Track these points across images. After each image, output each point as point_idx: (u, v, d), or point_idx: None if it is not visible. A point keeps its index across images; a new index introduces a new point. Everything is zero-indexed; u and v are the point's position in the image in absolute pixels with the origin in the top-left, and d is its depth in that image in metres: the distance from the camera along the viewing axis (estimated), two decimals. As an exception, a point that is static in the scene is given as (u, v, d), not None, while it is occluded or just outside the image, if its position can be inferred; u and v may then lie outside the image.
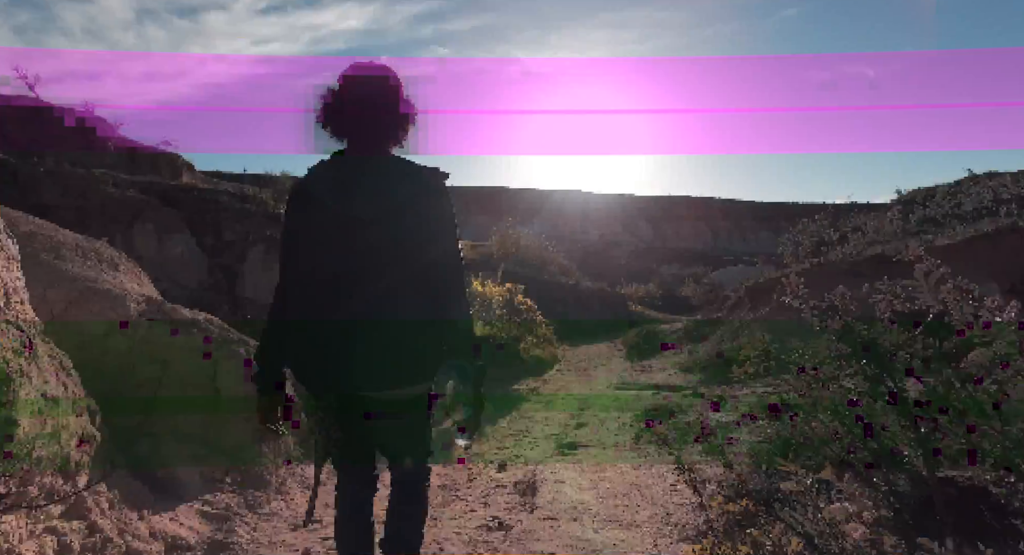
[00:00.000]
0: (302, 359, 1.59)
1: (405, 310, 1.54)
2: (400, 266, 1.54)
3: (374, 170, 1.57)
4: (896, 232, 11.19)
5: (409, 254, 1.55)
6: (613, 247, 45.18)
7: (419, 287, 1.55)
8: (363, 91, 1.58)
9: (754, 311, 7.81)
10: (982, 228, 7.14)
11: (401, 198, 1.54)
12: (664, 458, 3.54)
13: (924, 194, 13.01)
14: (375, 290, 1.53)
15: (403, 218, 1.53)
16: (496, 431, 4.89)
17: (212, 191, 11.34)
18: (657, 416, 4.43)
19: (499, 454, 4.17)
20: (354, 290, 1.53)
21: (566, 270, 18.69)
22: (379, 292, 1.53)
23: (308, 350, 1.56)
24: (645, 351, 9.00)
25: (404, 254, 1.54)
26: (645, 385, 6.44)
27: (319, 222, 1.55)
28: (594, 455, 3.79)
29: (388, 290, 1.54)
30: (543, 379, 7.41)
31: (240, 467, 2.93)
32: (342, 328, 1.51)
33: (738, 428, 3.92)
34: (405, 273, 1.55)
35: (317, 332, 1.53)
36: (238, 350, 3.18)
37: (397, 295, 1.54)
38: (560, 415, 5.36)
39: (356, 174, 1.56)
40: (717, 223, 72.31)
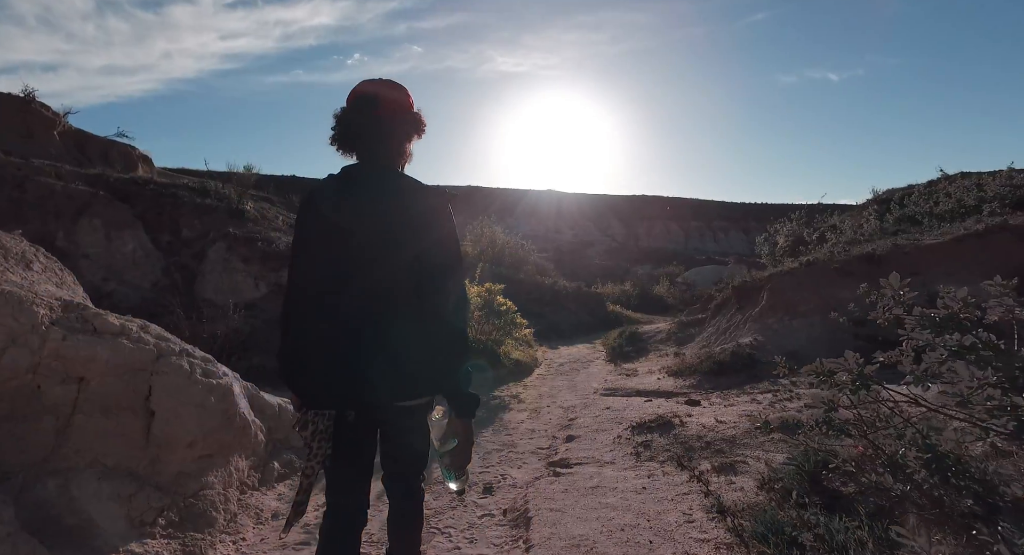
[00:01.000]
0: (304, 370, 1.59)
1: (405, 323, 1.57)
2: (399, 279, 1.57)
3: (377, 184, 1.59)
4: (874, 231, 11.16)
5: (407, 267, 1.56)
6: (587, 246, 45.34)
7: (417, 301, 1.57)
8: (370, 105, 1.60)
9: (742, 311, 7.55)
10: (971, 226, 7.02)
11: (400, 212, 1.56)
12: (671, 479, 3.17)
13: (901, 193, 13.09)
14: (375, 302, 1.56)
15: (401, 232, 1.55)
16: (479, 444, 4.47)
17: (169, 185, 10.61)
18: (655, 428, 4.07)
19: (484, 474, 3.75)
20: (354, 302, 1.55)
21: (543, 269, 18.38)
22: (379, 304, 1.56)
23: (310, 361, 1.57)
24: (628, 354, 8.68)
25: (403, 267, 1.56)
26: (633, 391, 6.09)
27: (321, 232, 1.57)
28: (591, 476, 3.40)
29: (388, 303, 1.57)
30: (524, 384, 7.02)
31: (179, 504, 2.44)
32: (344, 339, 1.54)
33: (747, 442, 3.57)
34: (404, 286, 1.57)
35: (320, 343, 1.56)
36: (180, 363, 2.69)
37: (397, 307, 1.57)
38: (546, 426, 4.96)
39: (359, 187, 1.59)
40: (688, 223, 73.46)
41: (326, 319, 1.55)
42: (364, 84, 1.65)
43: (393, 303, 1.57)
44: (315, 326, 1.56)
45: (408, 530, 1.81)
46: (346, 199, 1.57)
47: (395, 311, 1.57)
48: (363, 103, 1.61)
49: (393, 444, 1.73)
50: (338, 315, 1.55)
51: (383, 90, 1.63)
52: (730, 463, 3.24)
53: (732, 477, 3.06)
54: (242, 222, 10.40)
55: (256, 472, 3.14)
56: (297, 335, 1.60)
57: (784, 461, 2.77)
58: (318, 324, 1.56)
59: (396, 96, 1.64)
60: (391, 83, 1.66)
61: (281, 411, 3.69)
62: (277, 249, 9.61)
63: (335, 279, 1.55)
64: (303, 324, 1.58)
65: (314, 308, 1.56)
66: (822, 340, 6.09)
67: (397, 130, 1.64)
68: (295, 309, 1.59)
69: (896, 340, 5.33)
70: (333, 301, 1.56)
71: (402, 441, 1.72)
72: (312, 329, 1.57)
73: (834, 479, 2.51)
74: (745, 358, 5.94)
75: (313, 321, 1.56)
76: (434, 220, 1.60)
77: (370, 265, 1.55)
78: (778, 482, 2.65)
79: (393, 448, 1.73)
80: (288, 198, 16.11)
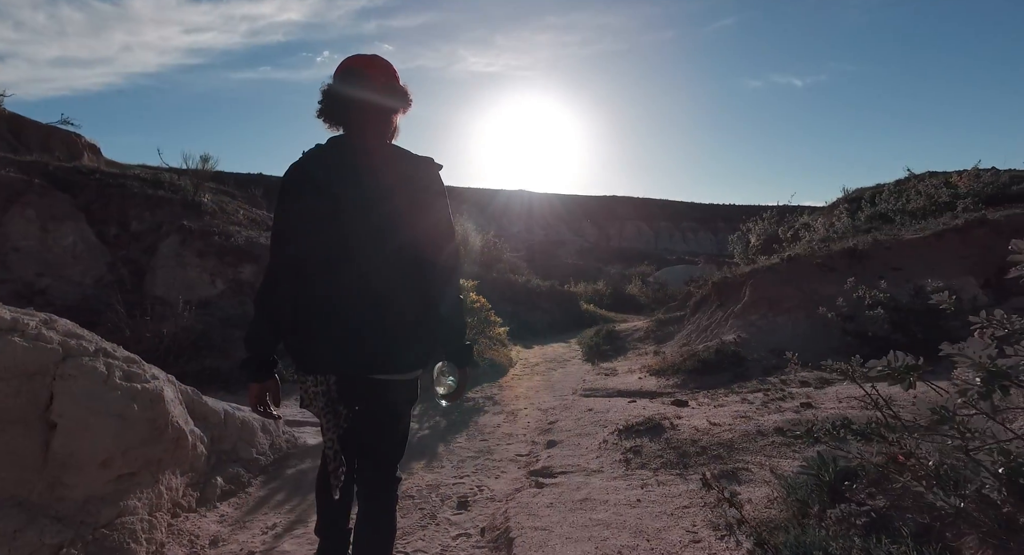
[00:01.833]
0: (300, 340, 1.58)
1: (402, 292, 1.58)
2: (395, 248, 1.57)
3: (369, 155, 1.60)
4: (847, 229, 11.17)
5: (403, 237, 1.56)
6: (559, 246, 45.31)
7: (414, 269, 1.59)
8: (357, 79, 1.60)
9: (723, 308, 7.34)
10: (950, 221, 6.95)
11: (398, 182, 1.57)
12: (668, 489, 2.85)
13: (871, 192, 13.20)
14: (370, 272, 1.55)
15: (396, 202, 1.56)
16: (451, 451, 4.09)
17: (118, 175, 9.88)
18: (644, 432, 3.75)
19: (457, 485, 3.37)
20: (350, 272, 1.55)
21: (515, 267, 18.07)
22: (374, 274, 1.56)
23: (306, 331, 1.56)
24: (606, 352, 8.40)
25: (399, 237, 1.56)
26: (614, 391, 5.79)
27: (313, 205, 1.55)
28: (577, 487, 3.06)
29: (383, 272, 1.56)
30: (499, 385, 6.65)
31: (87, 537, 2.00)
32: (341, 309, 1.54)
33: (746, 446, 3.28)
34: (400, 255, 1.57)
35: (316, 313, 1.55)
36: (94, 365, 2.24)
37: (393, 277, 1.57)
38: (525, 430, 4.61)
39: (351, 158, 1.59)
40: (658, 224, 74.08)
41: (317, 289, 1.55)
42: (353, 57, 1.66)
43: (388, 273, 1.57)
44: (318, 297, 1.55)
45: (378, 535, 1.69)
46: (338, 168, 1.57)
47: (390, 281, 1.57)
48: (353, 74, 1.62)
49: (377, 420, 1.68)
50: (330, 286, 1.55)
51: (372, 62, 1.65)
52: (731, 471, 2.94)
53: (735, 486, 2.75)
54: (199, 215, 9.75)
55: (194, 491, 2.70)
56: (285, 305, 1.56)
57: (798, 469, 2.47)
58: (308, 294, 1.55)
59: (385, 69, 1.66)
60: (380, 57, 1.68)
61: (228, 418, 3.24)
62: (236, 244, 9.03)
63: (327, 249, 1.55)
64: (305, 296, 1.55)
65: (304, 278, 1.55)
66: (807, 336, 5.90)
67: (386, 102, 1.64)
68: (292, 282, 1.55)
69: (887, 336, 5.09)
70: (325, 271, 1.55)
71: (387, 417, 1.68)
72: (302, 299, 1.55)
73: (859, 491, 2.22)
74: (730, 356, 5.70)
75: (303, 291, 1.55)
76: (428, 187, 1.61)
77: (364, 234, 1.55)
78: (793, 493, 2.35)
79: (377, 426, 1.69)
80: (251, 193, 15.40)
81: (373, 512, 1.67)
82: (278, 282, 1.56)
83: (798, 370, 5.22)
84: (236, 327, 7.24)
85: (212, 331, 6.51)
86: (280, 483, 3.33)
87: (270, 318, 1.59)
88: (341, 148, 1.61)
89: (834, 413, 3.60)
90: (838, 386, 4.47)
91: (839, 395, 4.16)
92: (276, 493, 3.18)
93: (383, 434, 1.69)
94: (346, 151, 1.60)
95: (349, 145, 1.61)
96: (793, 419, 3.57)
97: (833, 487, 2.23)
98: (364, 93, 1.60)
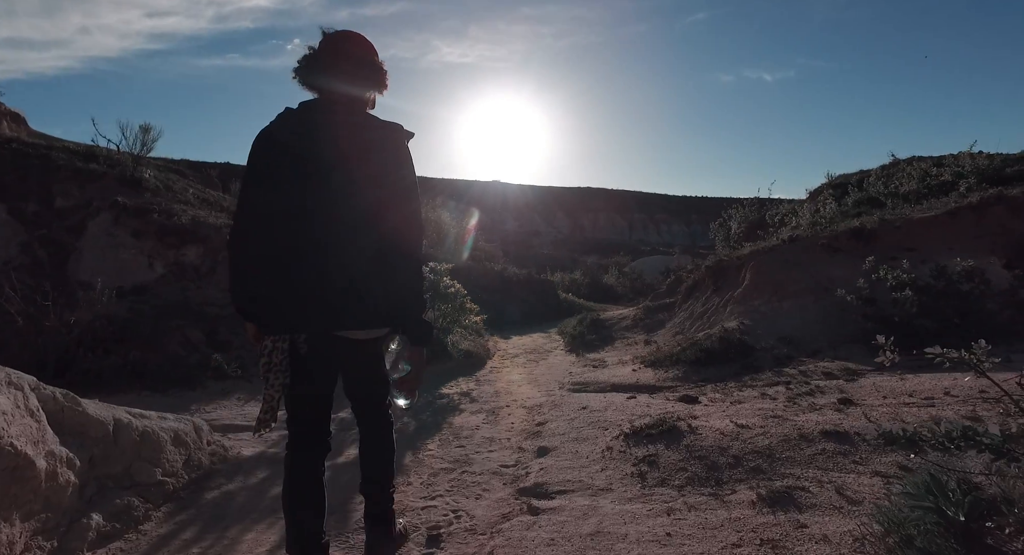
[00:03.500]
0: (266, 299, 1.63)
1: (365, 255, 1.62)
2: (360, 210, 1.60)
3: (337, 119, 1.64)
4: (834, 215, 10.77)
5: (370, 198, 1.60)
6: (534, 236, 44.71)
7: (377, 232, 1.62)
8: (341, 46, 1.68)
9: (720, 293, 6.74)
10: (962, 199, 6.47)
11: (364, 145, 1.62)
12: (703, 516, 2.16)
13: (857, 177, 12.86)
14: (338, 233, 1.60)
15: (365, 163, 1.60)
16: (421, 462, 3.35)
17: (40, 146, 8.75)
18: (657, 436, 3.07)
19: (428, 509, 2.64)
20: (318, 233, 1.59)
21: (491, 255, 17.35)
22: (339, 235, 1.60)
23: (273, 291, 1.61)
24: (592, 342, 7.74)
25: (365, 198, 1.60)
26: (607, 385, 5.12)
27: (283, 164, 1.59)
28: (584, 513, 2.35)
29: (348, 233, 1.61)
30: (476, 379, 5.92)
31: None
32: (300, 270, 1.59)
33: (790, 455, 2.62)
34: (364, 216, 1.61)
35: (283, 273, 1.60)
36: None
37: (357, 238, 1.61)
38: (509, 433, 3.89)
39: (318, 121, 1.63)
40: (632, 215, 74.43)
41: (284, 249, 1.59)
42: (338, 31, 1.71)
43: (353, 234, 1.61)
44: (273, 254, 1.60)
45: (380, 452, 1.93)
46: (304, 130, 1.60)
47: (355, 242, 1.61)
48: (337, 40, 1.68)
49: (354, 373, 1.82)
50: (296, 244, 1.59)
51: (356, 34, 1.72)
52: (782, 491, 2.27)
53: (796, 515, 2.08)
54: (137, 192, 8.72)
55: (48, 539, 1.90)
56: (253, 263, 1.61)
57: (902, 496, 1.80)
58: (276, 253, 1.59)
59: (367, 42, 1.73)
60: (360, 34, 1.74)
61: (120, 431, 2.43)
62: (179, 223, 8.03)
63: (305, 211, 1.58)
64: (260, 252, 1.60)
65: (271, 237, 1.59)
66: (819, 322, 5.32)
67: (364, 70, 1.69)
68: (261, 241, 1.60)
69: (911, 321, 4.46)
70: (285, 230, 1.59)
71: (362, 371, 1.81)
72: (270, 257, 1.60)
73: (1008, 537, 1.55)
74: (736, 344, 5.07)
75: (271, 250, 1.60)
76: (396, 152, 1.66)
77: (331, 195, 1.59)
78: (897, 530, 1.68)
79: (355, 377, 1.83)
80: (206, 174, 14.28)
81: (374, 438, 1.92)
82: (243, 241, 1.62)
83: (818, 360, 4.63)
84: (176, 316, 6.33)
85: (142, 320, 5.60)
86: (194, 513, 2.53)
87: (244, 271, 1.64)
88: (311, 112, 1.64)
89: (886, 412, 2.97)
90: (873, 378, 3.87)
91: (879, 389, 3.54)
92: (185, 528, 2.39)
93: (364, 385, 1.85)
94: (315, 115, 1.64)
95: (319, 109, 1.65)
96: (836, 420, 2.93)
97: (965, 528, 1.56)
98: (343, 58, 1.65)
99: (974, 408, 2.81)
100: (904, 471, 2.31)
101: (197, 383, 4.98)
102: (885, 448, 2.51)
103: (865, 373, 4.04)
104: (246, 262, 1.62)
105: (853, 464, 2.44)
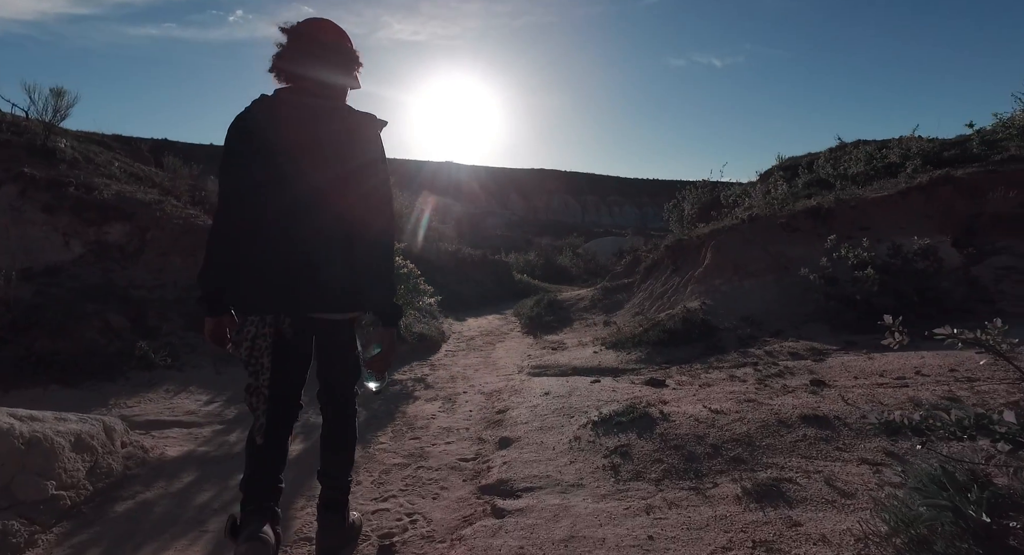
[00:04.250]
0: (244, 282, 1.68)
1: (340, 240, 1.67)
2: (336, 196, 1.65)
3: (313, 106, 1.67)
4: (785, 196, 10.94)
5: (340, 185, 1.65)
6: (488, 217, 44.35)
7: (349, 216, 1.66)
8: (313, 34, 1.69)
9: (680, 273, 6.64)
10: (912, 180, 6.56)
11: (335, 133, 1.66)
12: (686, 515, 1.97)
13: (807, 159, 13.11)
14: (314, 219, 1.65)
15: (335, 152, 1.65)
16: (372, 457, 3.05)
17: (-68, 108, 7.73)
18: (627, 424, 2.87)
19: (379, 513, 2.35)
20: (294, 218, 1.65)
21: (444, 236, 16.94)
22: (317, 221, 1.66)
23: (250, 273, 1.67)
24: (550, 324, 7.55)
25: (335, 185, 1.65)
26: (569, 368, 4.92)
27: (255, 151, 1.62)
28: (554, 514, 2.12)
29: (322, 219, 1.66)
30: (431, 363, 5.63)
31: None
32: (280, 252, 1.65)
33: (770, 443, 2.47)
34: (340, 203, 1.65)
35: (260, 256, 1.66)
36: None
37: (331, 224, 1.66)
38: (468, 422, 3.64)
39: (294, 108, 1.66)
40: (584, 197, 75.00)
41: (262, 233, 1.63)
42: (310, 19, 1.74)
43: (327, 220, 1.65)
44: (248, 238, 1.64)
45: (341, 444, 1.94)
46: (280, 117, 1.63)
47: (329, 228, 1.66)
48: (309, 28, 1.69)
49: (326, 355, 1.84)
50: (274, 230, 1.64)
51: (328, 22, 1.74)
52: (770, 483, 2.09)
53: (787, 510, 1.91)
54: (51, 164, 7.86)
55: None
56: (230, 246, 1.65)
57: (908, 489, 1.62)
58: (251, 237, 1.64)
59: (339, 29, 1.75)
60: (333, 23, 1.76)
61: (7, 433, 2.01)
62: (101, 198, 7.28)
63: (280, 197, 1.63)
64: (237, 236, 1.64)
65: (261, 224, 1.63)
66: (780, 301, 5.28)
67: (337, 57, 1.71)
68: (238, 225, 1.64)
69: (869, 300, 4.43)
70: (262, 217, 1.63)
71: (335, 355, 1.84)
72: (245, 241, 1.64)
73: (1021, 532, 1.40)
74: (699, 325, 4.96)
75: (249, 234, 1.63)
76: (367, 142, 1.69)
77: (301, 181, 1.63)
78: (908, 529, 1.51)
79: (327, 359, 1.85)
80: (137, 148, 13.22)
81: (338, 427, 1.93)
82: (224, 223, 1.66)
83: (782, 340, 4.56)
84: (96, 300, 5.70)
85: (51, 305, 4.99)
86: (97, 531, 2.15)
87: (220, 257, 1.66)
88: (283, 99, 1.67)
89: (862, 394, 2.87)
90: (840, 357, 3.80)
91: (848, 369, 3.47)
92: (83, 552, 2.01)
93: (334, 367, 1.86)
94: (288, 102, 1.66)
95: (291, 97, 1.67)
96: (813, 403, 2.80)
97: (987, 528, 1.39)
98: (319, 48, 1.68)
99: (949, 388, 2.73)
100: (890, 458, 2.18)
101: (118, 374, 4.47)
102: (868, 433, 2.38)
103: (831, 352, 3.98)
104: (222, 246, 1.66)
105: (837, 451, 2.30)
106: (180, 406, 3.99)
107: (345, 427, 1.93)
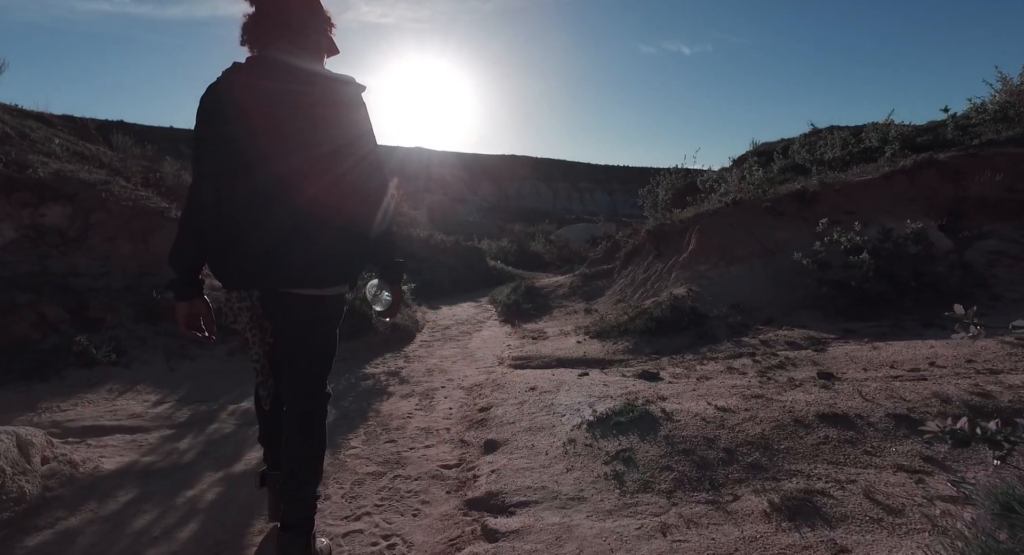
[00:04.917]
0: (222, 256, 1.60)
1: (321, 206, 1.57)
2: (322, 166, 1.57)
3: (292, 74, 1.59)
4: (761, 181, 10.88)
5: (320, 151, 1.57)
6: (460, 204, 43.75)
7: (341, 187, 1.59)
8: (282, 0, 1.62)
9: (663, 258, 6.42)
10: (896, 163, 6.46)
11: (313, 98, 1.57)
12: (708, 535, 1.70)
13: (782, 145, 13.08)
14: (297, 191, 1.56)
15: (316, 116, 1.57)
16: (342, 465, 2.71)
17: None
18: (627, 424, 2.60)
19: (352, 535, 2.02)
20: (276, 190, 1.56)
21: (415, 221, 16.45)
22: (301, 192, 1.56)
23: (229, 247, 1.58)
24: (528, 312, 7.26)
25: (324, 155, 1.57)
26: (553, 360, 4.64)
27: (235, 122, 1.55)
28: (556, 537, 1.83)
29: (299, 187, 1.56)
30: (405, 355, 5.28)
31: None
32: (258, 224, 1.55)
33: (790, 446, 2.23)
34: (327, 173, 1.57)
35: (239, 229, 1.56)
36: None
37: (310, 191, 1.57)
38: (448, 421, 3.32)
39: (269, 75, 1.58)
40: (556, 184, 74.99)
41: (235, 206, 1.56)
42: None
43: (305, 187, 1.56)
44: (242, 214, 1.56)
45: (309, 445, 1.72)
46: (254, 84, 1.56)
47: (307, 196, 1.56)
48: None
49: (299, 335, 1.70)
50: (246, 202, 1.56)
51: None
52: (800, 496, 1.84)
53: (828, 531, 1.65)
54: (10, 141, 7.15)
55: None
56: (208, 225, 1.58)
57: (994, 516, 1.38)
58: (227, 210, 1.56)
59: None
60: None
61: None
62: (36, 177, 6.63)
63: (262, 169, 1.55)
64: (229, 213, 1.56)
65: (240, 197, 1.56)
66: (769, 288, 5.09)
67: (314, 18, 1.65)
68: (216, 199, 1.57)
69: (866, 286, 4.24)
70: (241, 188, 1.55)
71: (307, 334, 1.69)
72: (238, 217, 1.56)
73: None
74: (688, 313, 4.73)
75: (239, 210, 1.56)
76: (348, 106, 1.62)
77: (277, 151, 1.54)
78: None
79: (298, 341, 1.71)
80: (82, 125, 12.36)
81: (304, 425, 1.70)
82: (199, 197, 1.57)
83: (776, 328, 4.36)
84: (28, 289, 5.16)
85: (-24, 295, 4.45)
86: (4, 571, 1.77)
87: (193, 236, 1.59)
88: (257, 66, 1.60)
89: (878, 388, 2.65)
90: (842, 347, 3.60)
91: (854, 360, 3.26)
92: None
93: (304, 348, 1.71)
94: (262, 69, 1.59)
95: (265, 63, 1.60)
96: (828, 399, 2.57)
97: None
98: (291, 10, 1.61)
99: (975, 381, 2.54)
100: (929, 464, 1.95)
101: (52, 372, 4.00)
102: (896, 435, 2.16)
103: (830, 342, 3.78)
104: (196, 224, 1.58)
105: (867, 456, 2.07)
106: (124, 408, 3.56)
107: (312, 427, 1.73)
